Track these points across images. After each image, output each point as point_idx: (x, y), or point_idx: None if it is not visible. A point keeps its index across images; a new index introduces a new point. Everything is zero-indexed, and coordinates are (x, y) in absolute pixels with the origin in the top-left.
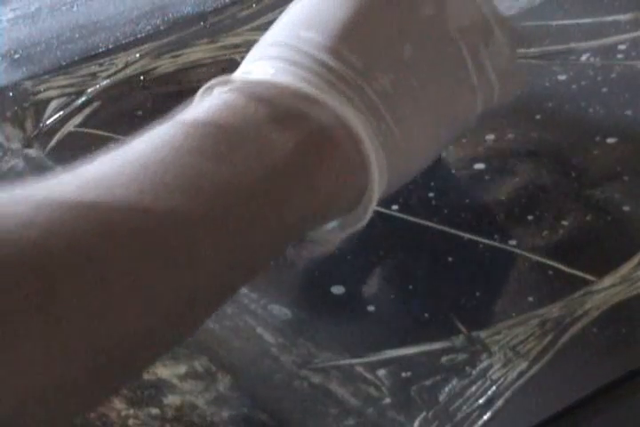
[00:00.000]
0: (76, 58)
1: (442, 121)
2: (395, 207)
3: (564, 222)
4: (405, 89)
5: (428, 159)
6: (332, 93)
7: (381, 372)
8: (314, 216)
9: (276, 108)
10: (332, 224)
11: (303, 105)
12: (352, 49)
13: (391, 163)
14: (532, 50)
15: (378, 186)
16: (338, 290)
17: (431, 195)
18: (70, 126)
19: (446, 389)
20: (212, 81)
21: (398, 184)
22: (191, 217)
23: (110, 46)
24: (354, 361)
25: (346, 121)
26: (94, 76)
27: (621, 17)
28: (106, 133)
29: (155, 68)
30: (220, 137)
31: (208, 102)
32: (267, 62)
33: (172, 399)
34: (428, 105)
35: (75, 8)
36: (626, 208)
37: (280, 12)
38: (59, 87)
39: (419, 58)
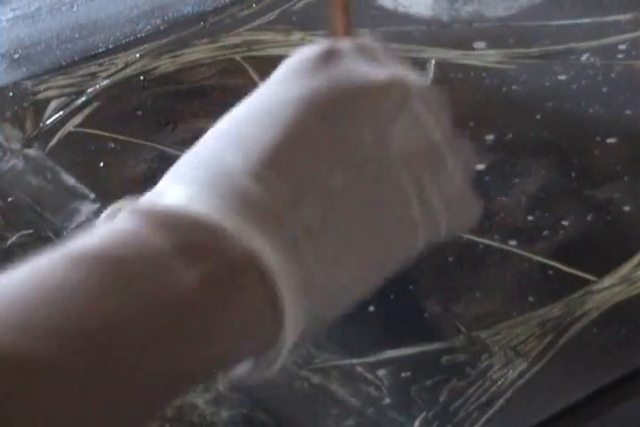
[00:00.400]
0: (76, 58)
1: (373, 259)
2: None
3: (564, 222)
4: (334, 224)
5: (353, 299)
6: (248, 227)
7: (382, 372)
8: (213, 362)
9: (181, 239)
10: (244, 367)
11: (212, 238)
12: (279, 176)
13: (309, 305)
14: (533, 50)
15: (291, 330)
16: None
17: None
18: (70, 126)
19: (446, 389)
20: (118, 203)
21: (319, 324)
22: (31, 361)
23: (110, 46)
24: (354, 361)
25: (259, 260)
26: (94, 75)
27: (621, 17)
28: (106, 133)
29: (154, 68)
30: (108, 271)
31: (105, 230)
32: (182, 186)
33: None
34: (359, 242)
35: (74, 8)
36: (626, 208)
37: (280, 12)
38: (58, 87)
39: (352, 189)
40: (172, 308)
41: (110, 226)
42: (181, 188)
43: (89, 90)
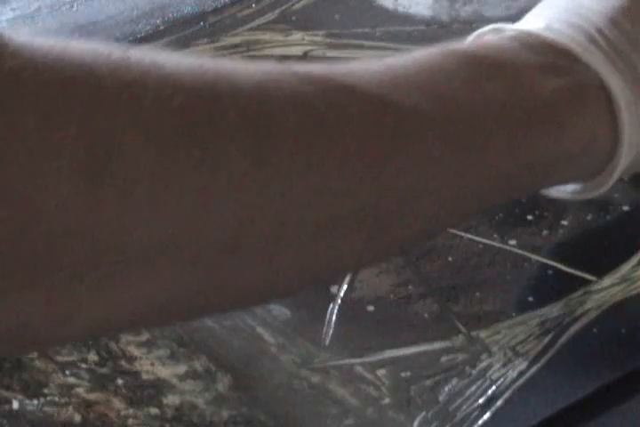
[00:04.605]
0: None
1: None
2: None
3: (564, 222)
4: None
5: None
6: (599, 58)
7: (381, 372)
8: (552, 166)
9: (542, 57)
10: (570, 187)
11: (569, 63)
12: (629, 21)
13: None
14: None
15: (626, 156)
16: (338, 290)
17: None
18: None
19: (446, 389)
20: (484, 28)
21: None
22: (431, 122)
23: None
24: (353, 361)
25: (608, 87)
26: None
27: None
28: None
29: None
30: (483, 69)
31: (477, 40)
32: (544, 19)
33: (171, 399)
34: None
35: (74, 8)
36: (626, 208)
37: (280, 12)
38: None
39: None
40: (532, 105)
41: (480, 40)
42: (543, 20)
43: None
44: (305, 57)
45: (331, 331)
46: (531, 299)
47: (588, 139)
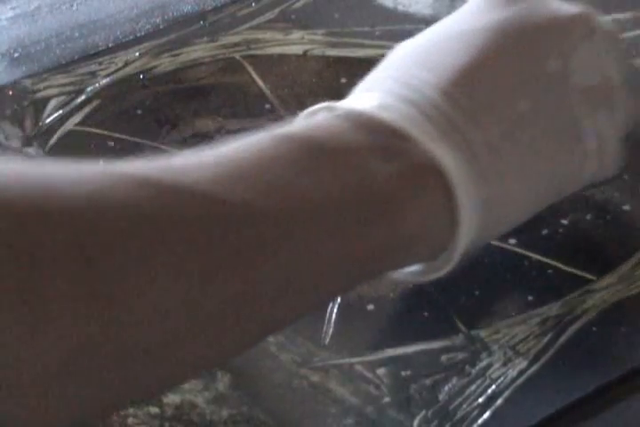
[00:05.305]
0: (76, 56)
1: (543, 183)
2: None
3: (564, 222)
4: (512, 144)
5: (521, 218)
6: (434, 135)
7: (381, 371)
8: (390, 254)
9: (376, 139)
10: (414, 268)
11: (402, 142)
12: (465, 94)
13: (483, 216)
14: None
15: (465, 236)
16: None
17: None
18: (70, 125)
19: (446, 388)
20: (316, 106)
21: (486, 239)
22: (262, 214)
23: (110, 45)
24: (353, 360)
25: (443, 166)
26: (94, 74)
27: (621, 16)
28: (105, 132)
29: (154, 67)
30: (315, 154)
31: (308, 121)
32: (375, 95)
33: (171, 398)
34: (533, 164)
35: (74, 7)
36: (626, 208)
37: (279, 11)
38: (58, 86)
39: (533, 114)
40: (366, 193)
41: (312, 120)
42: (374, 95)
43: (89, 88)
44: (305, 56)
45: (331, 330)
46: (530, 298)
47: (426, 222)
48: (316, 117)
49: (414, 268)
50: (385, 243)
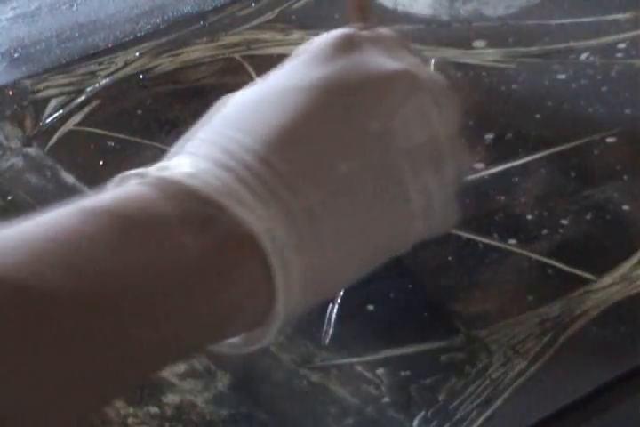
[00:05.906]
0: (76, 57)
1: (369, 246)
2: None
3: (564, 222)
4: (334, 210)
5: (348, 282)
6: (250, 204)
7: (381, 371)
8: (208, 329)
9: (185, 210)
10: (235, 340)
11: (214, 211)
12: (284, 158)
13: (305, 284)
14: (532, 49)
15: (283, 307)
16: None
17: None
18: (70, 125)
19: (446, 388)
20: (127, 173)
21: (312, 303)
22: (70, 300)
23: (110, 45)
24: (353, 360)
25: (257, 236)
26: (94, 74)
27: (621, 16)
28: (105, 132)
29: (154, 67)
30: (125, 228)
31: (117, 192)
32: (188, 159)
33: (171, 398)
34: (358, 229)
35: (74, 7)
36: (626, 208)
37: (279, 11)
38: (58, 86)
39: (356, 176)
40: (174, 269)
41: (122, 189)
42: (188, 161)
43: (88, 89)
44: None
45: (330, 330)
46: (530, 298)
47: (244, 293)
48: (126, 185)
49: (235, 340)
50: (201, 318)
